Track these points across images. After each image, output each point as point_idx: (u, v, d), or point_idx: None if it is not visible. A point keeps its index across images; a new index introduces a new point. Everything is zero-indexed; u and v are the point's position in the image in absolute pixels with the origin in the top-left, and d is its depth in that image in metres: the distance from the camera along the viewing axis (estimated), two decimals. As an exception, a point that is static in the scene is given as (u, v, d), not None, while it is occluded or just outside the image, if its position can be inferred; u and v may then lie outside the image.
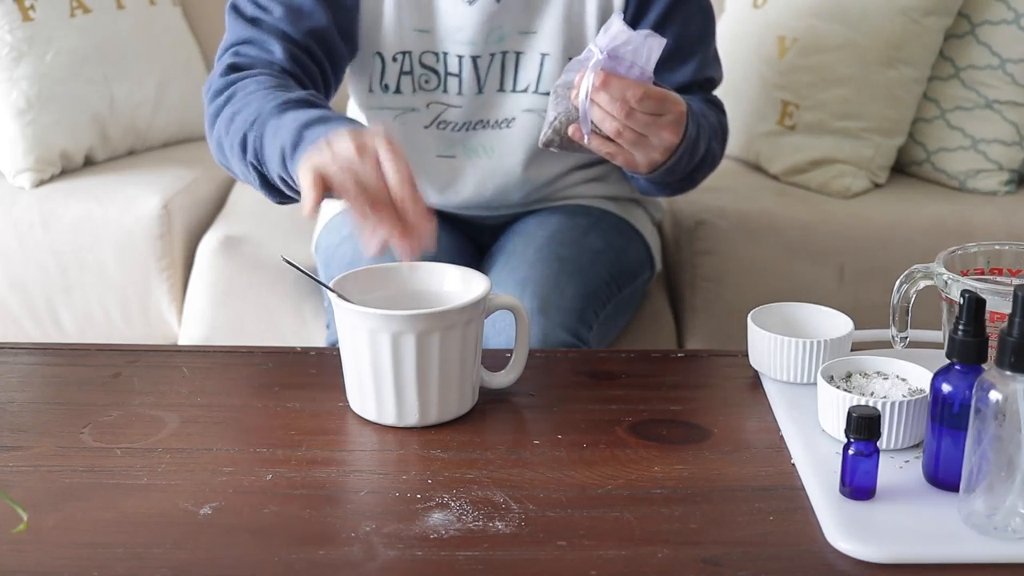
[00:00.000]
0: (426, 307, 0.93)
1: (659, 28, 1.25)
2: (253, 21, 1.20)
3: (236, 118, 1.10)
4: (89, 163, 1.90)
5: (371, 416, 0.95)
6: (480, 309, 0.94)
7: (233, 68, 1.18)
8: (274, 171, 1.05)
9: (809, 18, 1.82)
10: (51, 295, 1.75)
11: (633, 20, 1.27)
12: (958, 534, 0.79)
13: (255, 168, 1.09)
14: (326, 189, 0.92)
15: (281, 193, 1.09)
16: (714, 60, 1.33)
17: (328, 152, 0.93)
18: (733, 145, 1.92)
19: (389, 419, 0.94)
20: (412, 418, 0.94)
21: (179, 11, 2.08)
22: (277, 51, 1.18)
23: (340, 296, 0.94)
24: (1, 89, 1.78)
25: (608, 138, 1.09)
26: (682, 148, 1.14)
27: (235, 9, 1.22)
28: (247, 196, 1.88)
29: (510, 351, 1.01)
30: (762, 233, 1.71)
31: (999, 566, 0.77)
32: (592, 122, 1.07)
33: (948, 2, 1.76)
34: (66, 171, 1.85)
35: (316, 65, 1.22)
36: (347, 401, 0.98)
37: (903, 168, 1.91)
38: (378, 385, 0.93)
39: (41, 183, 1.80)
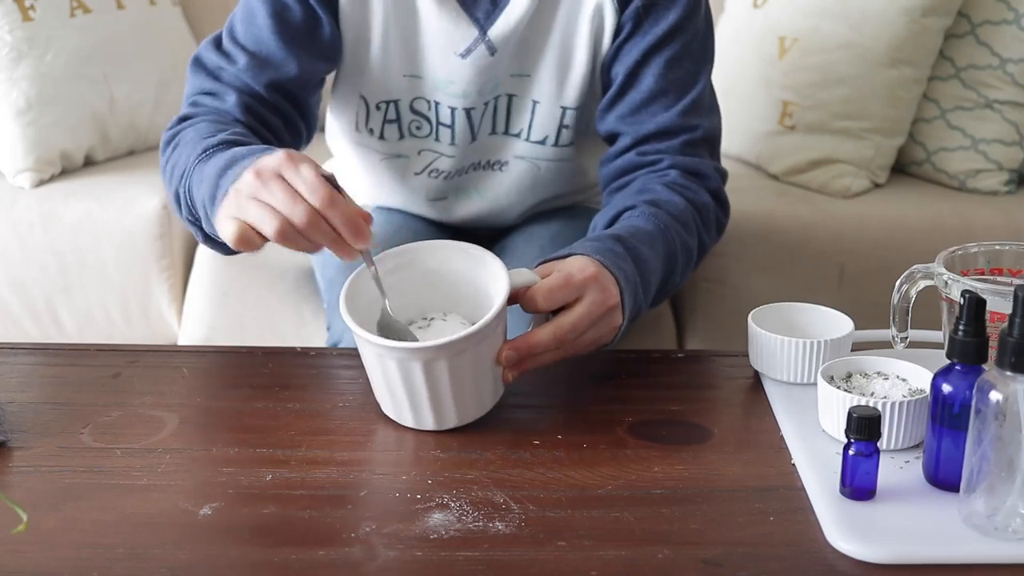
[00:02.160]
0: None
1: (639, 67, 1.17)
2: (214, 73, 1.15)
3: (173, 171, 1.06)
4: (89, 163, 1.90)
5: (409, 424, 0.94)
6: (505, 310, 0.93)
7: (184, 119, 1.13)
8: (206, 226, 1.00)
9: (809, 18, 1.82)
10: (51, 295, 1.75)
11: (612, 61, 1.19)
12: (958, 534, 0.79)
13: (191, 222, 1.05)
14: (251, 235, 0.88)
15: (225, 246, 0.99)
16: (703, 107, 1.20)
17: (235, 197, 0.89)
18: (733, 145, 1.93)
19: (428, 426, 0.94)
20: (451, 422, 0.94)
21: (179, 11, 2.07)
22: (231, 102, 1.13)
23: (367, 333, 0.91)
24: (1, 89, 1.78)
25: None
26: (627, 292, 1.00)
27: (197, 62, 1.17)
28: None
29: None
30: (762, 233, 1.71)
31: (999, 566, 0.77)
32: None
33: (948, 2, 1.76)
34: (66, 171, 1.85)
35: (279, 116, 1.16)
36: (347, 401, 0.98)
37: (903, 168, 1.91)
38: (414, 402, 0.92)
39: (41, 183, 1.80)
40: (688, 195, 1.14)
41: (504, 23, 1.18)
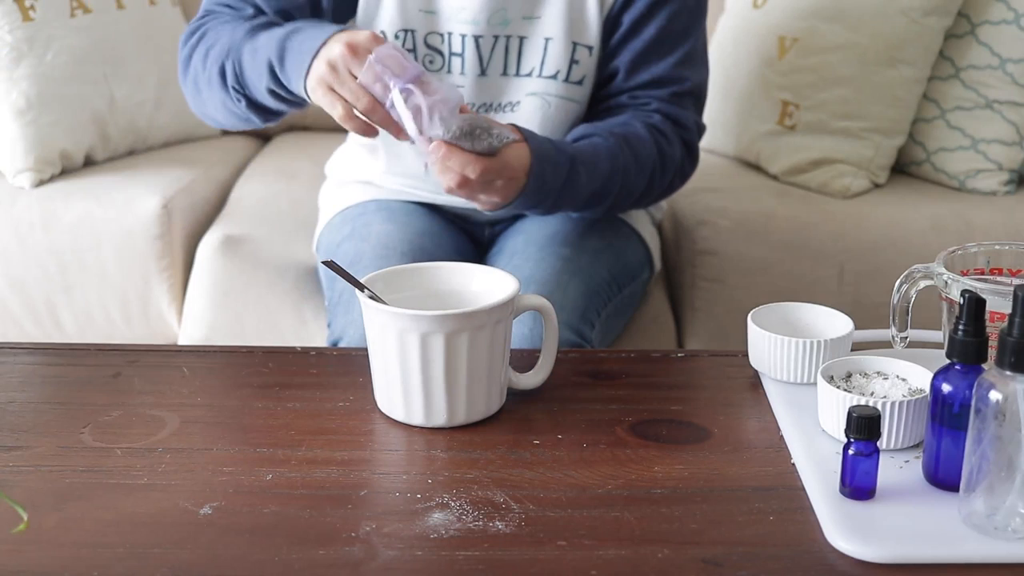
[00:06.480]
0: (454, 307, 0.93)
1: (644, 18, 1.30)
2: None
3: (211, 52, 1.21)
4: (89, 163, 1.90)
5: (399, 416, 0.95)
6: (509, 310, 0.94)
7: (207, 14, 1.28)
8: (261, 87, 1.17)
9: (809, 18, 1.82)
10: (51, 295, 1.75)
11: (621, 9, 1.31)
12: (958, 534, 0.79)
13: (237, 91, 1.20)
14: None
15: (267, 111, 1.22)
16: (694, 61, 1.34)
17: (325, 66, 1.07)
18: (733, 145, 1.93)
19: (417, 419, 0.94)
20: (440, 418, 0.94)
21: (179, 11, 2.08)
22: (249, 14, 1.26)
23: (373, 296, 0.93)
24: (1, 89, 1.78)
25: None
26: (526, 199, 1.18)
27: None
28: (247, 196, 1.88)
29: (524, 350, 1.01)
30: (762, 233, 1.71)
31: (999, 566, 0.77)
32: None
33: (948, 2, 1.76)
34: (66, 171, 1.85)
35: None
36: (347, 401, 0.98)
37: (903, 168, 1.91)
38: (406, 385, 0.92)
39: (41, 183, 1.80)
40: (660, 142, 1.29)
41: None
